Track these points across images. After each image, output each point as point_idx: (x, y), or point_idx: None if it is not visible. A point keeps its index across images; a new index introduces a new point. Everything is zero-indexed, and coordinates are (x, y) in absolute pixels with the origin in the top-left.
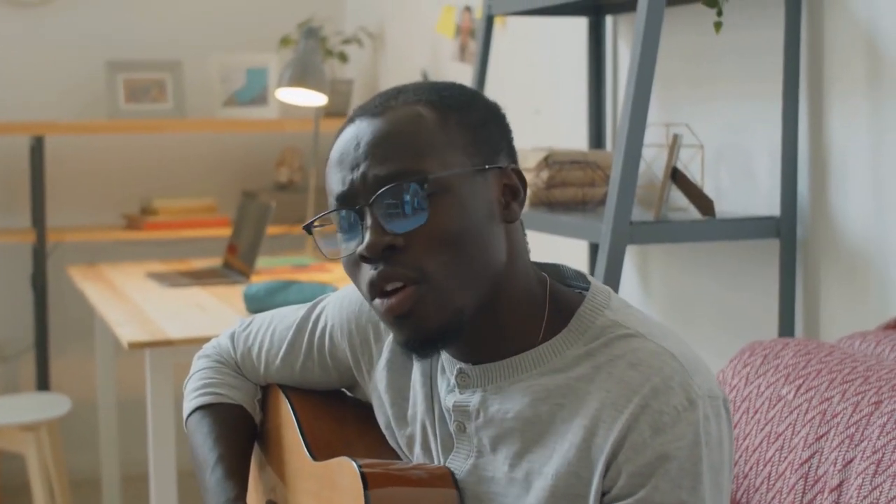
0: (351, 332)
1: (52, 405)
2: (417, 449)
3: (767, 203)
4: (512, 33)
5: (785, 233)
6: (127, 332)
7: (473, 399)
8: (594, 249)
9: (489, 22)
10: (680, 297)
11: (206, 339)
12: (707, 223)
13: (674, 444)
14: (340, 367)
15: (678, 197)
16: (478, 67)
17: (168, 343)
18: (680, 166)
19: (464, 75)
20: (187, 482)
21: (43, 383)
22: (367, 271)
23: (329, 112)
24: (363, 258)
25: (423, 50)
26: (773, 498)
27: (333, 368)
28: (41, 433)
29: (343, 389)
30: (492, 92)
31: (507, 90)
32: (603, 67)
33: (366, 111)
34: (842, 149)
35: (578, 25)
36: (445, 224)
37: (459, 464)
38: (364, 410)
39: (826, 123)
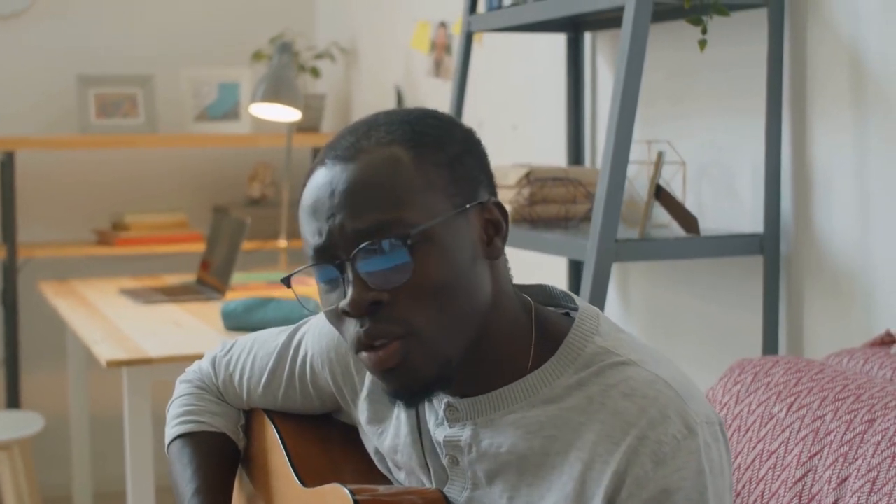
0: (332, 362)
1: (24, 423)
2: (403, 476)
3: (750, 220)
4: (488, 49)
5: (769, 249)
6: (104, 351)
7: (464, 433)
8: (574, 266)
9: (468, 39)
10: (662, 314)
11: (185, 357)
12: (692, 240)
13: (677, 475)
14: (323, 396)
15: (659, 214)
16: (457, 85)
17: (147, 361)
18: (662, 183)
19: (439, 91)
20: (164, 499)
21: (13, 401)
22: (352, 326)
23: (301, 127)
24: (346, 314)
25: (397, 65)
26: None
27: (316, 397)
28: (14, 452)
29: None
30: (468, 108)
31: (483, 106)
32: (581, 84)
33: (337, 154)
34: (825, 165)
35: (556, 42)
36: (431, 276)
37: (455, 496)
38: (350, 433)
39: (809, 139)
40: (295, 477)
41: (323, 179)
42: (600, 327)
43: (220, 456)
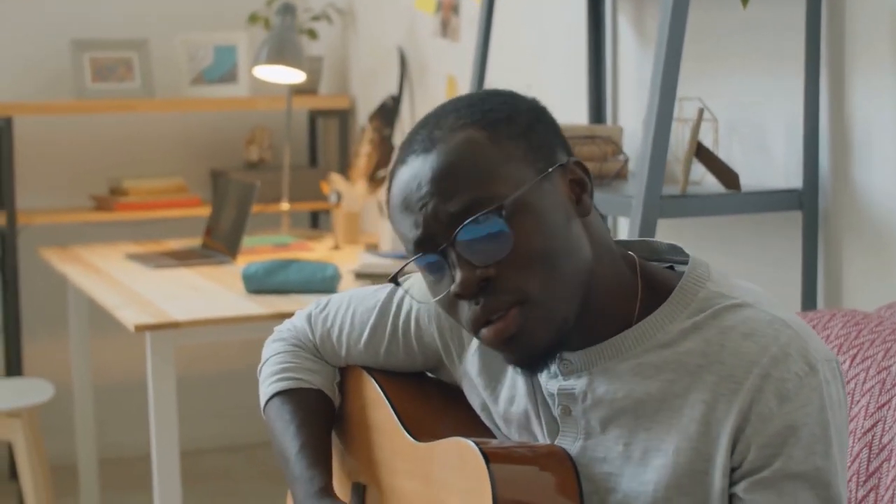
0: (439, 316)
1: (33, 390)
2: (514, 430)
3: (783, 177)
4: (498, 7)
5: (807, 205)
6: (128, 316)
7: (579, 383)
8: None
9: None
10: None
11: (211, 321)
12: (734, 196)
13: (801, 410)
14: (427, 351)
15: (693, 171)
16: (480, 46)
17: (175, 325)
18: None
19: (446, 51)
20: (189, 464)
21: (15, 368)
22: (467, 308)
23: (299, 90)
24: (459, 296)
25: (398, 26)
26: None
27: (419, 352)
28: (25, 419)
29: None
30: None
31: (492, 65)
32: (602, 43)
33: (414, 149)
34: (864, 121)
35: (573, 0)
36: (532, 243)
37: (567, 446)
38: (449, 391)
39: (848, 96)
40: (406, 433)
41: (407, 175)
42: (711, 274)
43: (320, 413)
